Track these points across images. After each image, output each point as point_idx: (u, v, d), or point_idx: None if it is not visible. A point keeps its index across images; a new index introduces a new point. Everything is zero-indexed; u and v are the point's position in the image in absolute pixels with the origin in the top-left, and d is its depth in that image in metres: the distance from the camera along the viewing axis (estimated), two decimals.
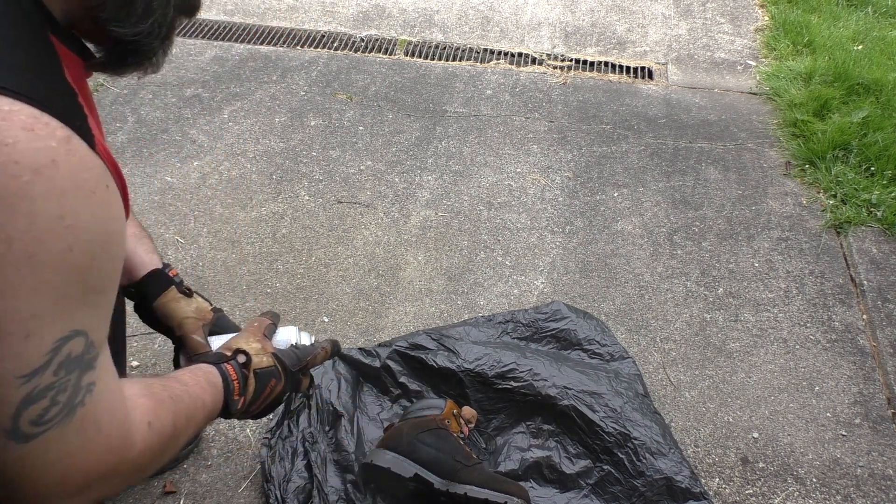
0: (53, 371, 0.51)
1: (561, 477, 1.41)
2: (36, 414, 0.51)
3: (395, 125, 2.45)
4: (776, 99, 2.66)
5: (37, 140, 0.47)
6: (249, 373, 0.88)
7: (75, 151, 0.50)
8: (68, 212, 0.49)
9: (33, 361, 0.50)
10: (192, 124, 2.40)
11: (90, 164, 0.52)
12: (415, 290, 1.84)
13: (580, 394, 1.46)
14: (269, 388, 0.91)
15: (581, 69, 2.85)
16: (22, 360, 0.49)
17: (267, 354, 0.93)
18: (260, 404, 0.90)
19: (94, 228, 0.51)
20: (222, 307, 1.76)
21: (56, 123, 0.49)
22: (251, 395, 0.87)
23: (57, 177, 0.48)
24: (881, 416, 1.60)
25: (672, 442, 1.43)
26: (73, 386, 0.53)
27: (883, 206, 2.12)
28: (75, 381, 0.53)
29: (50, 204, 0.48)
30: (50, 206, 0.48)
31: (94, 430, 0.57)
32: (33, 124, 0.48)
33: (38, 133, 0.48)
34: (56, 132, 0.49)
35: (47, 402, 0.51)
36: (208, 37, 2.91)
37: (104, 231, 0.53)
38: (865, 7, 3.23)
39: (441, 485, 1.31)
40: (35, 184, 0.47)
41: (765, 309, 1.84)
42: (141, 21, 0.61)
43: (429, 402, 1.45)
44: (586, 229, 2.06)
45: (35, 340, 0.49)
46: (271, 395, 0.92)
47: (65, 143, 0.49)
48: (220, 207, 2.07)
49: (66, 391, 0.53)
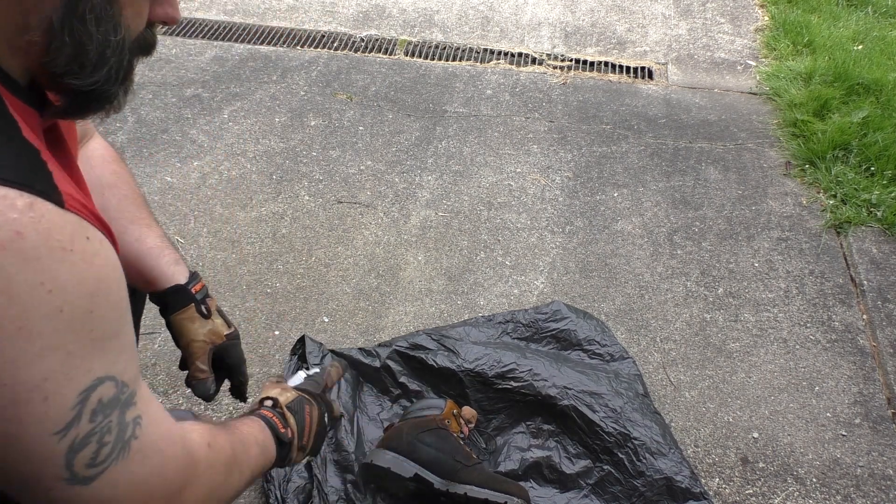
0: (89, 419, 0.54)
1: (561, 477, 1.41)
2: (88, 458, 0.54)
3: (395, 125, 2.45)
4: (776, 99, 2.66)
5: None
6: (283, 409, 0.93)
7: (41, 216, 0.50)
8: (47, 277, 0.49)
9: (62, 417, 0.52)
10: (192, 124, 2.40)
11: (60, 222, 0.51)
12: (415, 290, 1.84)
13: (580, 394, 1.46)
14: (308, 415, 0.96)
15: (581, 69, 2.85)
16: (50, 420, 0.51)
17: (289, 391, 0.98)
18: (308, 434, 0.95)
19: (82, 284, 0.52)
20: (222, 307, 1.76)
21: (14, 193, 0.49)
22: (296, 427, 0.92)
23: (26, 247, 0.48)
24: (881, 416, 1.60)
25: (672, 442, 1.43)
26: (118, 425, 0.56)
27: (883, 206, 2.12)
28: (118, 421, 0.56)
29: (25, 275, 0.48)
30: (26, 276, 0.48)
31: (157, 456, 0.61)
32: None
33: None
34: (15, 203, 0.49)
35: (95, 445, 0.54)
36: (208, 37, 2.91)
37: (94, 281, 0.53)
38: (865, 7, 3.23)
39: (441, 485, 1.31)
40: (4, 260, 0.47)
41: (765, 309, 1.84)
42: (96, 71, 0.61)
43: (429, 402, 1.45)
44: (586, 229, 2.06)
45: (56, 399, 0.51)
46: (314, 423, 0.96)
47: (28, 211, 0.49)
48: (220, 207, 2.07)
49: (112, 432, 0.56)
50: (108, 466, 0.56)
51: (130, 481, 0.58)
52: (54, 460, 0.53)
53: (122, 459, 0.57)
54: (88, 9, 0.57)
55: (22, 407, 0.50)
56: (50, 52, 0.58)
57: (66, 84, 0.61)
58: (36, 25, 0.56)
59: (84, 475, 0.54)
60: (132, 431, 0.58)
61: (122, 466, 0.57)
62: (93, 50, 0.59)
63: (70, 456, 0.53)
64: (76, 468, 0.54)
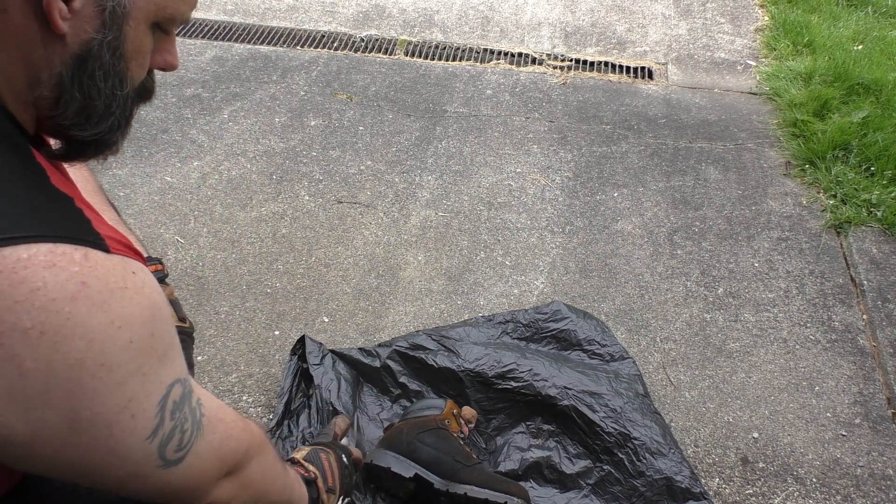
0: (170, 418, 0.62)
1: (561, 477, 1.41)
2: (175, 446, 0.63)
3: (395, 125, 2.45)
4: (776, 99, 2.66)
5: (61, 273, 0.52)
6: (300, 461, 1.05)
7: (95, 264, 0.55)
8: (115, 315, 0.55)
9: (149, 425, 0.60)
10: (192, 124, 2.40)
11: (110, 265, 0.57)
12: (415, 290, 1.84)
13: (580, 394, 1.46)
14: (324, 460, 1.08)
15: (581, 69, 2.85)
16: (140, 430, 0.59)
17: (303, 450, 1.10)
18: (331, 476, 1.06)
19: (141, 314, 0.58)
20: (222, 307, 1.77)
21: (70, 248, 0.54)
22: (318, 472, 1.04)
23: (92, 294, 0.54)
24: (881, 416, 1.60)
25: (672, 442, 1.43)
26: (190, 413, 0.65)
27: (883, 206, 2.12)
28: (189, 409, 0.65)
29: (97, 318, 0.54)
30: (98, 319, 0.54)
31: (222, 424, 0.72)
32: (52, 260, 0.52)
33: (59, 266, 0.53)
34: (73, 256, 0.54)
35: (178, 434, 0.63)
36: (208, 37, 2.91)
37: (149, 308, 0.59)
38: (865, 7, 3.23)
39: (441, 485, 1.31)
40: (77, 310, 0.53)
41: (765, 309, 1.84)
42: (101, 123, 0.65)
43: (429, 402, 1.45)
44: (586, 229, 2.06)
45: (141, 413, 0.59)
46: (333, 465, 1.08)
47: (84, 262, 0.54)
48: (220, 207, 2.07)
49: (188, 420, 0.65)
50: (192, 445, 0.66)
51: (209, 449, 0.69)
52: (149, 457, 0.61)
53: (199, 435, 0.67)
54: (98, 66, 0.61)
55: (115, 427, 0.57)
56: (59, 106, 0.62)
57: (72, 135, 0.65)
58: (46, 81, 0.60)
59: (175, 458, 0.64)
60: (200, 411, 0.68)
61: (201, 440, 0.67)
62: (100, 104, 0.64)
63: (161, 450, 0.62)
64: (168, 456, 0.63)
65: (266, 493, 0.84)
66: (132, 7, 0.61)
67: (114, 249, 0.58)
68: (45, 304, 0.52)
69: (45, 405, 0.54)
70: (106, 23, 0.60)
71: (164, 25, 0.66)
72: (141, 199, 2.07)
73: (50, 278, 0.52)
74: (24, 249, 0.51)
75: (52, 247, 0.53)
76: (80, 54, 0.60)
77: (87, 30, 0.60)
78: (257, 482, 0.81)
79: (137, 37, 0.64)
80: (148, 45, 0.66)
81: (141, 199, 2.07)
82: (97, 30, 0.60)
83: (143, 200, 2.07)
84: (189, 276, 1.84)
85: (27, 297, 0.51)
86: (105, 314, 0.55)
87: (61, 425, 0.55)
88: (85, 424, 0.56)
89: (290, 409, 1.49)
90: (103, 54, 0.61)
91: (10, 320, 0.51)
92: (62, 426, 0.55)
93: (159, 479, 0.64)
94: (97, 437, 0.57)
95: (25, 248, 0.52)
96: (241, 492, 0.78)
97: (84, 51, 0.60)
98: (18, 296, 0.51)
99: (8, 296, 0.51)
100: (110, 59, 0.62)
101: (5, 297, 0.51)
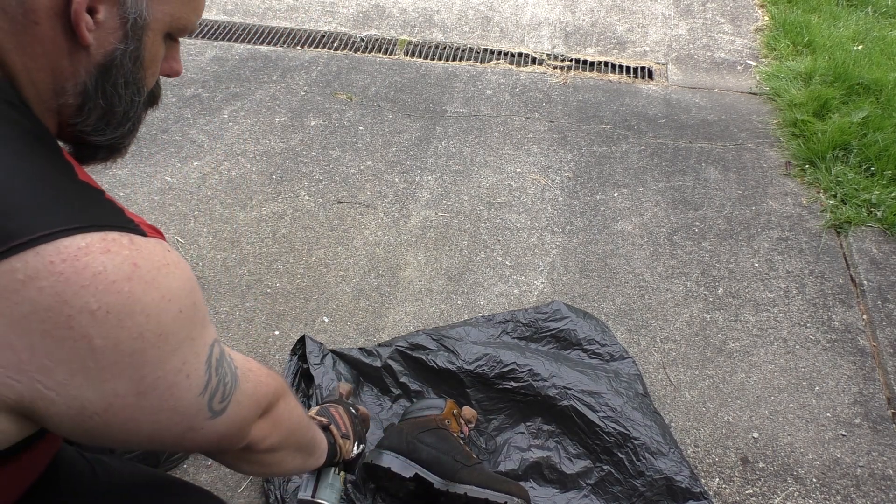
0: (215, 374, 0.68)
1: (561, 477, 1.41)
2: (220, 397, 0.70)
3: (395, 125, 2.45)
4: (776, 99, 2.66)
5: (116, 257, 0.57)
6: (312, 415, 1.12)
7: (140, 246, 0.60)
8: (164, 291, 0.60)
9: (201, 381, 0.66)
10: (192, 124, 2.40)
11: (151, 247, 0.61)
12: (415, 290, 1.84)
13: (580, 394, 1.46)
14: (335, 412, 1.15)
15: (581, 69, 2.85)
16: (194, 387, 0.65)
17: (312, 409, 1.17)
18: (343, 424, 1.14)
19: (184, 285, 0.63)
20: (222, 307, 1.76)
21: (117, 234, 0.59)
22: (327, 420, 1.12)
23: (143, 273, 0.59)
24: (881, 416, 1.60)
25: (672, 442, 1.43)
26: (228, 367, 0.72)
27: (883, 206, 2.12)
28: (227, 365, 0.72)
29: (151, 294, 0.59)
30: (152, 295, 0.59)
31: (251, 373, 0.78)
32: (107, 246, 0.57)
33: (113, 251, 0.57)
34: (122, 241, 0.59)
35: (221, 387, 0.70)
36: (208, 37, 2.91)
37: (188, 280, 0.64)
38: (865, 7, 3.23)
39: (441, 485, 1.31)
40: (134, 288, 0.58)
41: (765, 309, 1.84)
42: (119, 128, 0.70)
43: (429, 402, 1.45)
44: (586, 229, 2.06)
45: (194, 373, 0.65)
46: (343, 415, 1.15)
47: (131, 245, 0.59)
48: (220, 207, 2.07)
49: (227, 374, 0.71)
50: (232, 395, 0.72)
51: (245, 396, 0.75)
52: (200, 410, 0.67)
53: (237, 386, 0.73)
54: (120, 75, 0.66)
55: (175, 388, 0.63)
56: (83, 113, 0.67)
57: (91, 140, 0.70)
58: (72, 89, 0.64)
59: (220, 408, 0.70)
60: (234, 365, 0.74)
61: (238, 390, 0.73)
62: (120, 110, 0.69)
63: (210, 402, 0.68)
64: (215, 407, 0.69)
65: (294, 431, 0.92)
66: (151, 18, 0.65)
67: (150, 234, 0.63)
68: (108, 287, 0.56)
69: (116, 376, 0.59)
70: (128, 34, 0.64)
71: (176, 34, 0.71)
72: (141, 199, 2.07)
73: (108, 262, 0.56)
74: (81, 238, 0.56)
75: (103, 234, 0.57)
76: (105, 64, 0.65)
77: (111, 41, 0.64)
78: (286, 420, 0.88)
79: (154, 46, 0.68)
80: (161, 53, 0.71)
81: (141, 199, 2.07)
82: (120, 40, 0.64)
83: (143, 200, 2.07)
84: None
85: (91, 280, 0.55)
86: (157, 290, 0.59)
87: (131, 392, 0.60)
88: (150, 389, 0.61)
89: None
90: (125, 63, 0.66)
91: (77, 303, 0.55)
92: (131, 393, 0.60)
93: (210, 429, 0.70)
94: (161, 397, 0.63)
95: (82, 237, 0.56)
96: (274, 430, 0.85)
97: (108, 60, 0.65)
98: (84, 280, 0.55)
99: (74, 281, 0.55)
100: (131, 68, 0.66)
101: (72, 283, 0.55)
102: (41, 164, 0.59)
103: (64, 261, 0.54)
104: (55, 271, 0.54)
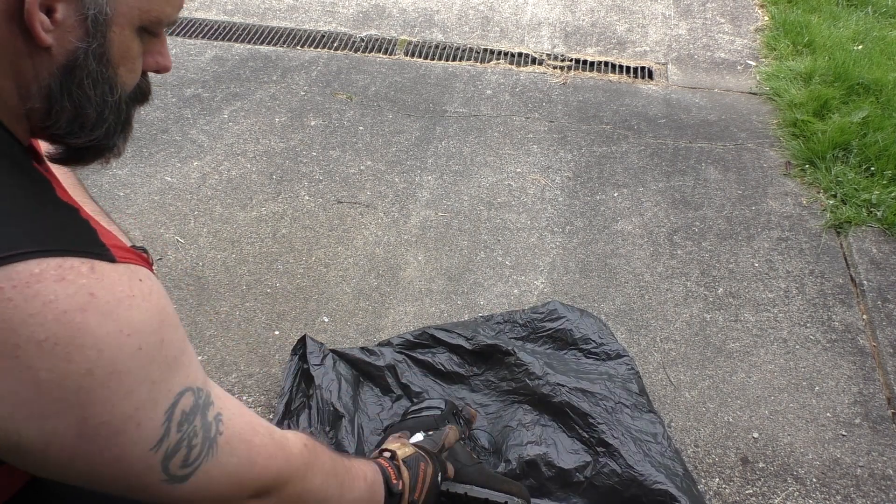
0: (176, 429, 0.61)
1: (559, 473, 1.42)
2: (180, 461, 0.62)
3: (395, 125, 2.45)
4: (776, 99, 2.66)
5: (70, 286, 0.54)
6: (399, 462, 1.00)
7: (102, 275, 0.56)
8: (123, 324, 0.56)
9: (154, 435, 0.59)
10: (192, 124, 2.40)
11: (117, 275, 0.58)
12: (415, 290, 1.84)
13: (575, 392, 1.47)
14: (422, 471, 1.03)
15: (581, 69, 2.85)
16: (145, 439, 0.59)
17: (407, 446, 1.06)
18: (420, 490, 1.01)
19: (149, 319, 0.58)
20: (222, 307, 1.76)
21: (77, 261, 0.55)
22: (408, 481, 0.99)
23: (100, 304, 0.55)
24: (881, 416, 1.60)
25: (667, 440, 1.43)
26: (202, 427, 0.63)
27: (883, 206, 2.12)
28: (202, 423, 0.63)
29: (106, 327, 0.55)
30: (107, 328, 0.55)
31: (244, 446, 0.69)
32: (62, 273, 0.54)
33: (69, 279, 0.54)
34: (81, 269, 0.55)
35: (185, 449, 0.62)
36: (208, 37, 2.91)
37: (157, 314, 0.59)
38: (865, 7, 3.23)
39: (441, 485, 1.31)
40: (87, 320, 0.54)
41: (765, 309, 1.84)
42: (95, 129, 0.66)
43: (429, 403, 1.45)
44: (586, 229, 2.06)
45: (147, 423, 0.59)
46: (427, 480, 1.03)
47: (91, 274, 0.56)
48: (220, 207, 2.07)
49: (198, 434, 0.63)
50: (200, 464, 0.63)
51: (223, 473, 0.66)
52: (153, 468, 0.61)
53: (212, 455, 0.64)
54: (85, 74, 0.62)
55: (121, 435, 0.58)
56: (51, 117, 0.63)
57: (67, 142, 0.66)
58: (36, 93, 0.61)
59: (180, 475, 0.62)
60: (216, 428, 0.65)
61: (213, 461, 0.65)
62: (92, 111, 0.64)
63: (165, 463, 0.61)
64: (172, 471, 0.61)
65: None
66: (115, 13, 0.61)
67: (119, 258, 0.59)
68: (58, 316, 0.53)
69: (58, 414, 0.55)
70: (89, 31, 0.60)
71: (151, 28, 0.66)
72: (141, 199, 2.07)
73: (60, 291, 0.53)
74: (36, 264, 0.53)
75: (60, 261, 0.54)
76: (67, 64, 0.61)
77: (72, 40, 0.60)
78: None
79: (123, 42, 0.64)
80: (136, 49, 0.66)
81: (141, 199, 2.07)
82: (81, 39, 0.60)
83: (143, 200, 2.07)
84: (189, 276, 1.84)
85: (40, 310, 0.52)
86: (114, 322, 0.56)
87: (71, 434, 0.56)
88: (93, 433, 0.56)
89: (290, 409, 1.49)
90: (89, 62, 0.62)
91: (25, 333, 0.52)
92: (72, 435, 0.56)
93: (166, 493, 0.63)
94: (104, 446, 0.57)
95: (37, 262, 0.53)
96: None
97: (70, 60, 0.61)
98: (32, 309, 0.52)
99: (23, 309, 0.52)
100: (97, 67, 0.62)
101: (20, 311, 0.52)
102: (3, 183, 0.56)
103: (14, 287, 0.52)
104: (4, 297, 0.51)
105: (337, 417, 1.47)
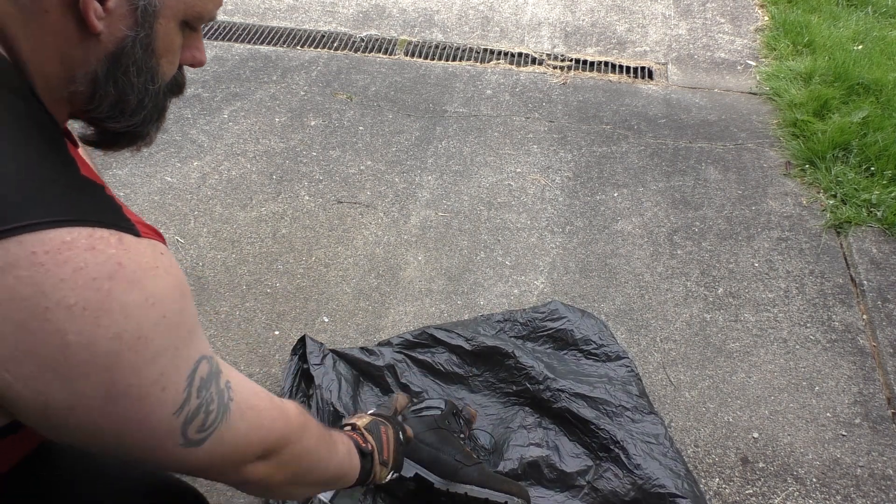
0: (196, 395, 0.64)
1: (560, 476, 1.41)
2: (198, 426, 0.65)
3: (395, 125, 2.45)
4: (776, 99, 2.66)
5: (100, 255, 0.56)
6: (361, 430, 1.06)
7: (129, 246, 0.59)
8: (149, 293, 0.59)
9: (177, 400, 0.62)
10: (192, 124, 2.40)
11: (142, 247, 0.60)
12: (415, 290, 1.84)
13: (576, 394, 1.46)
14: (384, 433, 1.09)
15: (581, 69, 2.85)
16: (168, 404, 0.61)
17: (364, 417, 1.12)
18: (387, 450, 1.08)
19: (171, 290, 0.61)
20: (222, 307, 1.76)
21: (106, 232, 0.58)
22: (375, 443, 1.05)
23: (127, 273, 0.57)
24: (881, 416, 1.60)
25: (669, 441, 1.43)
26: (217, 393, 0.66)
27: (883, 206, 2.12)
28: (216, 390, 0.66)
29: (133, 295, 0.57)
30: (134, 296, 0.57)
31: (252, 411, 0.72)
32: (92, 243, 0.56)
33: (99, 248, 0.56)
34: (109, 239, 0.58)
35: (202, 415, 0.65)
36: (208, 37, 2.91)
37: (178, 286, 0.62)
38: (865, 7, 3.23)
39: (441, 485, 1.31)
40: (115, 287, 0.57)
41: (765, 309, 1.84)
42: (134, 115, 0.69)
43: (429, 403, 1.45)
44: (586, 229, 2.06)
45: (171, 387, 0.61)
46: (390, 440, 1.09)
47: (119, 245, 0.58)
48: (220, 207, 2.07)
49: (213, 401, 0.66)
50: (215, 429, 0.66)
51: (234, 435, 0.69)
52: (173, 433, 0.63)
53: (225, 420, 0.68)
54: (131, 62, 0.65)
55: (147, 399, 0.60)
56: (94, 101, 0.66)
57: (106, 126, 0.70)
58: (82, 78, 0.64)
59: (196, 439, 0.65)
60: (228, 395, 0.68)
61: (225, 425, 0.68)
62: (133, 98, 0.68)
63: (185, 427, 0.63)
64: (189, 435, 0.64)
65: (305, 474, 0.86)
66: (163, 5, 0.65)
67: (143, 234, 0.62)
68: (88, 283, 0.55)
69: (86, 376, 0.57)
70: (138, 21, 0.63)
71: (193, 23, 0.70)
72: (141, 199, 2.07)
73: (91, 259, 0.56)
74: (67, 233, 0.55)
75: (91, 230, 0.57)
76: (115, 52, 0.64)
77: (121, 28, 0.63)
78: (294, 464, 0.82)
79: (168, 34, 0.67)
80: (178, 42, 0.70)
81: (141, 199, 2.07)
82: (130, 27, 0.63)
83: (143, 200, 2.07)
84: (189, 276, 1.84)
85: (71, 275, 0.54)
86: (140, 291, 0.58)
87: (98, 395, 0.58)
88: (120, 395, 0.58)
89: None
90: (136, 51, 0.65)
91: (55, 297, 0.54)
92: (99, 396, 0.58)
93: (182, 458, 0.66)
94: (130, 407, 0.59)
95: (68, 231, 0.55)
96: (277, 472, 0.80)
97: (118, 48, 0.64)
98: (63, 274, 0.54)
99: (54, 274, 0.54)
100: (143, 56, 0.66)
101: (52, 276, 0.54)
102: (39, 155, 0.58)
103: (46, 252, 0.54)
104: (36, 262, 0.53)
105: (337, 417, 1.47)
